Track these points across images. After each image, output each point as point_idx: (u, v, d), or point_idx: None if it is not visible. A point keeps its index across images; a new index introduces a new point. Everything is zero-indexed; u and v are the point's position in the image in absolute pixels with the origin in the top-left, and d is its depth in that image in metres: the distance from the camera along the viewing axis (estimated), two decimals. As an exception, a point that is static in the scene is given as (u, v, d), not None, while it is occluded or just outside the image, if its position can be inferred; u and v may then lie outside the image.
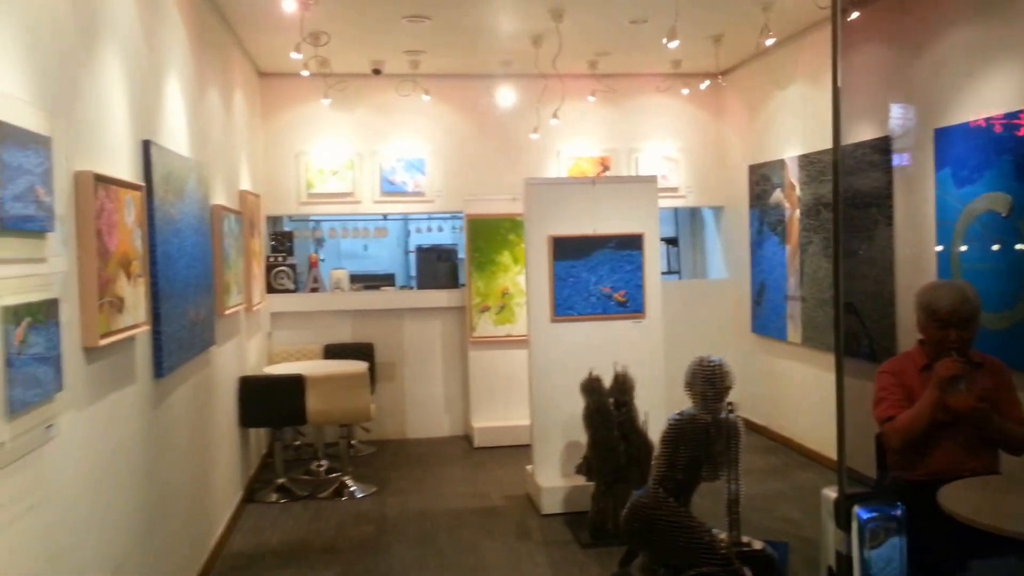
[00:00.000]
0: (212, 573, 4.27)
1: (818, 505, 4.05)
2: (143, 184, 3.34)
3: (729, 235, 7.51)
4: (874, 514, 1.19)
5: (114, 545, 2.93)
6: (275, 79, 7.03)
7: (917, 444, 2.95)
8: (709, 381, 3.34)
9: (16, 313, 2.13)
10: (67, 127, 2.61)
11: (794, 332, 6.19)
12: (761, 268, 6.76)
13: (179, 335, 3.76)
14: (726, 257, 7.62)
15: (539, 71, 6.36)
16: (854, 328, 5.24)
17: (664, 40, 5.19)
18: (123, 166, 3.18)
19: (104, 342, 2.76)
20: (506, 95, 6.81)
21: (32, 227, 2.25)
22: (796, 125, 6.26)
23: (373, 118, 7.19)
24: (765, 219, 6.69)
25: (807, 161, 6.04)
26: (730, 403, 6.71)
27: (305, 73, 6.10)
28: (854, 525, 1.19)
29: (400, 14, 5.48)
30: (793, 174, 6.23)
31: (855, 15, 4.72)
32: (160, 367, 3.48)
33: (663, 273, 8.23)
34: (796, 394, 6.32)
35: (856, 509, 1.20)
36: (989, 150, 4.11)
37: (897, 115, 4.92)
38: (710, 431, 3.29)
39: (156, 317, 3.42)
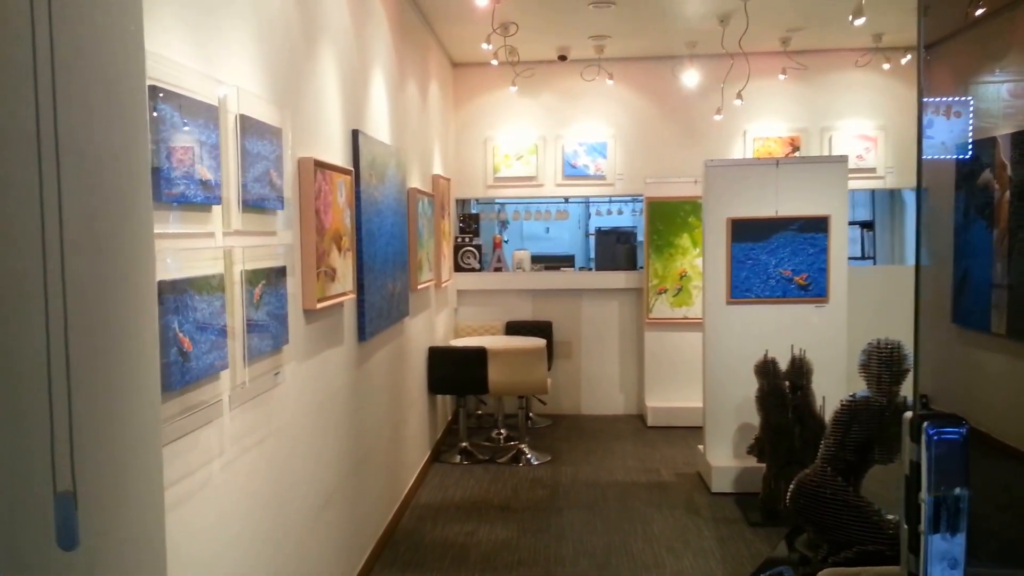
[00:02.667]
0: (404, 519, 4.73)
1: (1007, 502, 3.84)
2: (352, 169, 3.77)
3: (932, 219, 7.03)
4: (938, 430, 1.35)
5: (324, 481, 3.38)
6: (467, 68, 7.44)
7: None
8: (885, 364, 3.26)
9: (254, 277, 2.55)
10: (293, 118, 3.02)
11: (998, 322, 5.73)
12: (965, 254, 6.30)
13: (379, 304, 4.19)
14: (927, 242, 7.14)
15: (725, 51, 6.29)
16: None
17: (850, 17, 4.99)
18: (336, 153, 3.61)
19: (320, 306, 3.18)
20: (691, 76, 6.79)
21: (267, 205, 2.67)
22: (1009, 101, 5.76)
23: (557, 103, 7.42)
24: (972, 202, 6.21)
25: (1021, 139, 5.55)
26: (924, 396, 6.33)
27: (494, 62, 6.43)
28: (923, 438, 1.35)
29: (586, 0, 5.64)
30: (1004, 153, 5.74)
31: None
32: (363, 331, 3.91)
33: (857, 259, 7.89)
34: (998, 388, 5.86)
35: (925, 425, 1.36)
36: None
37: None
38: (884, 414, 3.21)
39: (360, 287, 3.85)
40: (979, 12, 5.10)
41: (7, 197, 1.01)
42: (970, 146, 6.20)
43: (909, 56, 6.48)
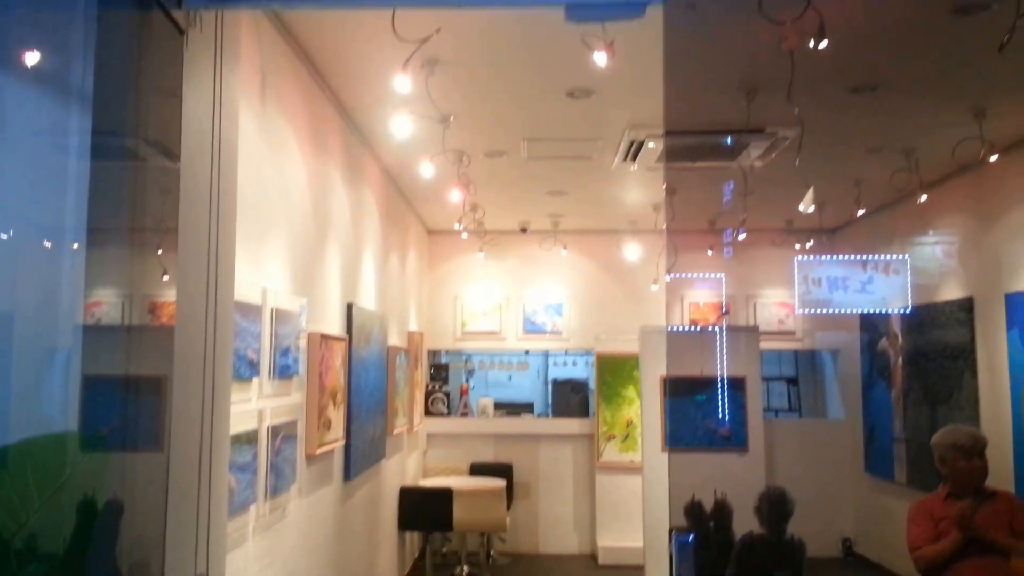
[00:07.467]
0: (372, 647, 5.23)
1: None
2: (346, 337, 4.61)
3: (844, 378, 8.01)
4: (679, 537, 2.23)
5: (312, 604, 3.99)
6: (440, 235, 8.48)
7: (939, 569, 3.56)
8: (774, 506, 4.05)
9: (275, 430, 3.32)
10: (307, 302, 3.88)
11: (900, 472, 6.58)
12: (871, 410, 7.22)
13: (362, 448, 4.92)
14: (842, 398, 8.08)
15: (659, 229, 7.41)
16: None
17: (732, 231, 6.09)
18: (334, 324, 4.46)
19: (318, 451, 3.91)
20: (632, 250, 7.88)
21: (288, 373, 3.47)
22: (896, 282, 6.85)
23: (519, 267, 8.45)
24: (875, 364, 7.20)
25: (908, 314, 6.59)
26: (848, 539, 7.16)
27: (464, 236, 7.46)
28: (672, 541, 2.21)
29: (543, 191, 6.75)
30: (896, 325, 6.79)
31: (924, 198, 5.46)
32: (348, 473, 4.62)
33: (785, 411, 8.79)
34: (904, 533, 6.61)
35: (673, 533, 2.23)
36: (1048, 315, 4.66)
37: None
38: (774, 548, 3.97)
39: (348, 434, 4.59)
40: (860, 212, 6.25)
41: (189, 394, 1.83)
42: (870, 316, 7.19)
43: (812, 241, 7.64)
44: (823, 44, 3.18)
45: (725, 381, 5.93)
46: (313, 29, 3.60)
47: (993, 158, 4.92)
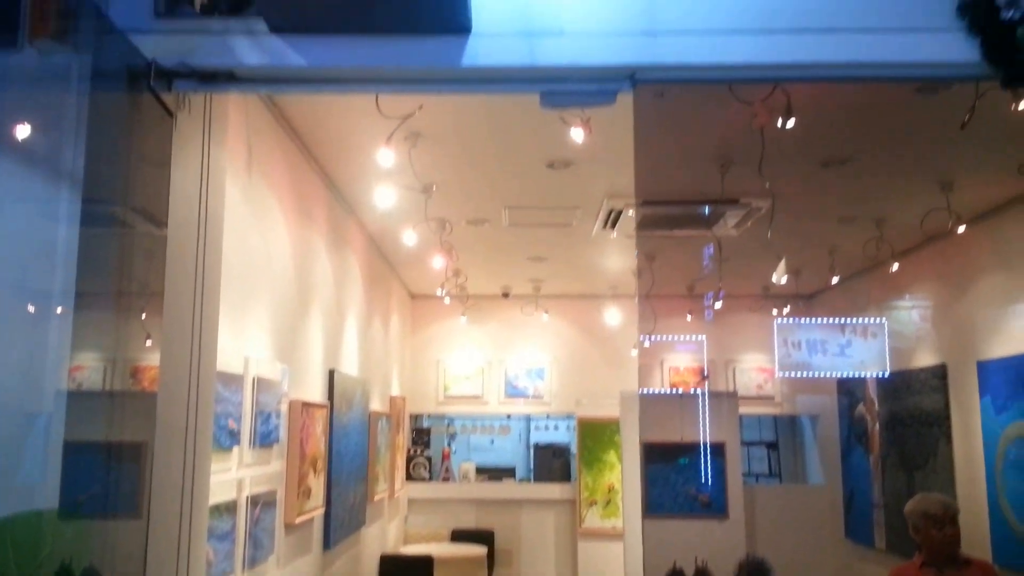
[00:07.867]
0: None
1: None
2: (328, 403, 4.61)
3: (823, 443, 8.05)
4: None
5: None
6: (423, 300, 8.54)
7: None
8: (752, 574, 4.04)
9: (255, 500, 3.30)
10: (289, 369, 3.90)
11: (880, 538, 6.57)
12: (850, 476, 7.24)
13: (342, 516, 4.87)
14: (822, 463, 8.11)
15: (638, 295, 7.51)
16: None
17: (711, 295, 6.22)
18: (316, 391, 4.47)
19: (298, 520, 3.88)
20: (612, 315, 7.97)
21: (268, 441, 3.47)
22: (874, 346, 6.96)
23: (501, 332, 8.50)
24: (853, 430, 7.25)
25: (884, 380, 6.67)
26: None
27: (447, 300, 7.53)
28: None
29: (525, 256, 6.85)
30: (873, 390, 6.87)
31: (895, 266, 5.61)
32: (328, 541, 4.57)
33: (764, 475, 8.79)
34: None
35: None
36: (1018, 383, 4.75)
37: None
38: (753, 618, 3.95)
39: (328, 501, 4.55)
40: (835, 280, 6.39)
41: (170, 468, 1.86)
42: (847, 382, 7.26)
43: (788, 307, 7.76)
44: (791, 123, 3.34)
45: (707, 447, 5.95)
46: (298, 104, 3.71)
47: (961, 229, 5.07)
